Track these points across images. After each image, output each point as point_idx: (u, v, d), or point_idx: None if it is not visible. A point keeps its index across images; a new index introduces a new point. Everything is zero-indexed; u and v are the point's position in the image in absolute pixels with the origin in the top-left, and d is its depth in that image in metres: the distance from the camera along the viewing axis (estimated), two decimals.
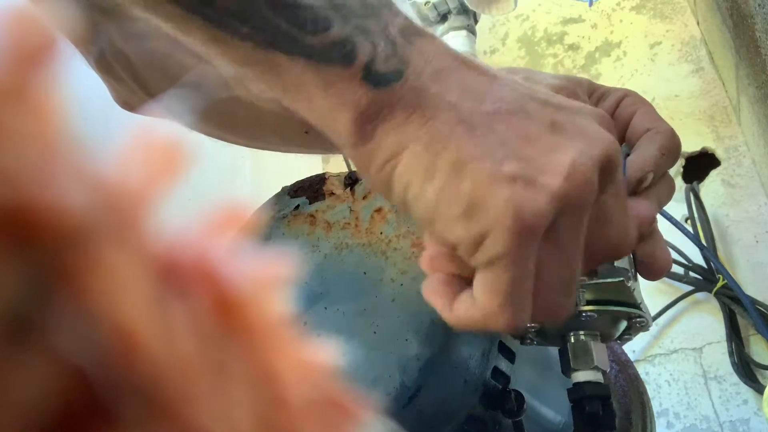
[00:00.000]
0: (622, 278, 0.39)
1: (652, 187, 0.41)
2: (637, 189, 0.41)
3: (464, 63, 0.31)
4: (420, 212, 0.30)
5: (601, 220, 0.33)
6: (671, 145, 0.41)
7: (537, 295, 0.31)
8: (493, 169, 0.29)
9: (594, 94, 0.44)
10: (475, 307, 0.31)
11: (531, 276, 0.30)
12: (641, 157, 0.40)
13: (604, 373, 0.43)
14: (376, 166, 0.30)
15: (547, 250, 0.30)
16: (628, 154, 0.42)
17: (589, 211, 0.31)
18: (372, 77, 0.29)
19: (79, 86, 0.11)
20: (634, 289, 0.41)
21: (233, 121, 0.48)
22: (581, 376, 0.42)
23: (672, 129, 0.42)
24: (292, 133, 0.48)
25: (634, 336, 0.45)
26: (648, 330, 0.45)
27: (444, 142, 0.29)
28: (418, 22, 0.31)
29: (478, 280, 0.31)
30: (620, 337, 0.45)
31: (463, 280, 0.33)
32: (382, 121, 0.29)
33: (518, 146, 0.30)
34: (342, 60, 0.28)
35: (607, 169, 0.31)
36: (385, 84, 0.29)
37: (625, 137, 0.43)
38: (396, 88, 0.29)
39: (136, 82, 0.48)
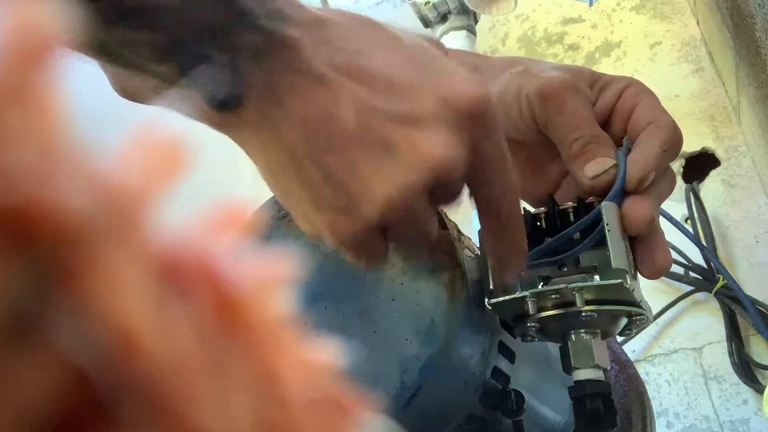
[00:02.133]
0: (620, 280, 0.39)
1: (653, 184, 0.41)
2: (638, 189, 0.40)
3: (315, 77, 0.32)
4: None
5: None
6: (673, 140, 0.41)
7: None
8: (313, 199, 0.33)
9: (596, 84, 0.44)
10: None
11: (378, 241, 0.35)
12: (643, 156, 0.40)
13: (604, 371, 0.43)
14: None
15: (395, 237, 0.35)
16: (629, 149, 0.42)
17: (415, 225, 0.34)
18: (212, 102, 0.32)
19: (80, 85, 0.11)
20: (633, 289, 0.41)
21: None
22: (582, 374, 0.42)
23: (674, 122, 0.41)
24: None
25: (635, 332, 0.45)
26: (648, 326, 0.45)
27: (279, 170, 0.33)
28: (288, 11, 0.32)
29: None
30: (621, 333, 0.45)
31: None
32: (233, 130, 0.34)
33: (338, 178, 0.32)
34: (185, 84, 0.31)
35: (438, 186, 0.33)
36: (224, 108, 0.32)
37: (627, 129, 0.43)
38: (238, 112, 0.32)
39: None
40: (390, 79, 0.33)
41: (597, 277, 0.42)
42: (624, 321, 0.43)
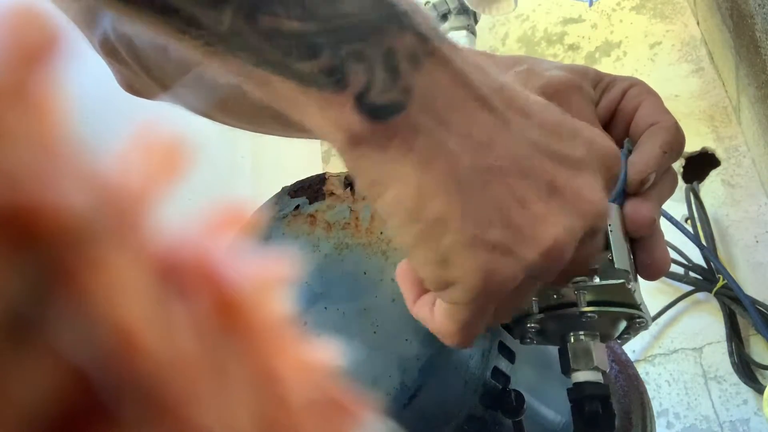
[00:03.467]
0: (623, 281, 0.39)
1: (654, 186, 0.41)
2: (638, 190, 0.40)
3: (478, 98, 0.29)
4: (397, 243, 0.31)
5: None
6: (674, 141, 0.40)
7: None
8: (476, 235, 0.29)
9: (599, 84, 0.43)
10: (431, 317, 0.34)
11: (487, 317, 0.32)
12: (643, 158, 0.40)
13: (603, 373, 0.43)
14: (364, 183, 0.30)
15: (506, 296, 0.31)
16: (630, 150, 0.41)
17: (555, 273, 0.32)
18: (365, 108, 0.27)
19: (80, 85, 0.11)
20: (635, 291, 0.41)
21: (236, 107, 0.49)
22: (581, 376, 0.42)
23: (676, 123, 0.41)
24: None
25: (633, 336, 0.45)
26: (646, 330, 0.45)
27: (434, 193, 0.28)
28: (435, 28, 0.29)
29: (439, 305, 0.33)
30: (620, 337, 0.45)
31: None
32: (375, 147, 0.28)
33: (507, 212, 0.29)
34: (332, 86, 0.27)
35: (588, 234, 0.31)
36: (379, 117, 0.27)
37: (629, 130, 0.42)
38: (393, 122, 0.28)
39: (139, 65, 0.48)
40: (545, 118, 0.31)
41: (596, 278, 0.42)
42: (623, 324, 0.43)
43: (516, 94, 0.31)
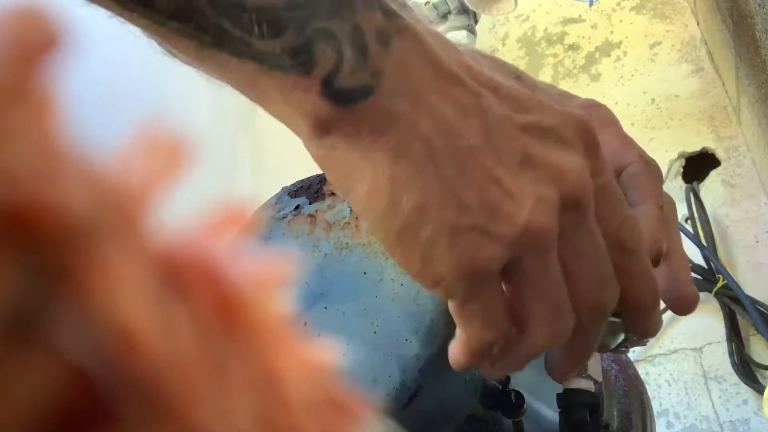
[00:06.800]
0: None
1: (668, 249, 0.36)
2: (658, 261, 0.35)
3: (448, 75, 0.27)
4: (378, 239, 0.29)
5: (574, 260, 0.30)
6: (659, 184, 0.36)
7: (533, 323, 0.30)
8: (454, 220, 0.27)
9: None
10: (461, 338, 0.31)
11: (495, 301, 0.29)
12: (649, 233, 0.34)
13: (596, 382, 0.43)
14: (334, 176, 0.28)
15: (521, 286, 0.29)
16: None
17: (552, 248, 0.29)
18: (333, 92, 0.25)
19: (81, 84, 0.11)
20: None
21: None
22: (573, 383, 0.42)
23: (645, 159, 0.36)
24: None
25: (631, 348, 0.45)
26: (645, 345, 0.44)
27: (411, 181, 0.27)
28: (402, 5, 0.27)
29: (452, 312, 0.30)
30: (615, 350, 0.44)
31: None
32: (344, 136, 0.26)
33: (485, 193, 0.28)
34: (297, 68, 0.25)
35: (571, 207, 0.29)
36: (348, 101, 0.26)
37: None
38: (362, 107, 0.26)
39: None
40: (511, 92, 0.29)
41: None
42: (621, 336, 0.43)
43: (480, 69, 0.29)
